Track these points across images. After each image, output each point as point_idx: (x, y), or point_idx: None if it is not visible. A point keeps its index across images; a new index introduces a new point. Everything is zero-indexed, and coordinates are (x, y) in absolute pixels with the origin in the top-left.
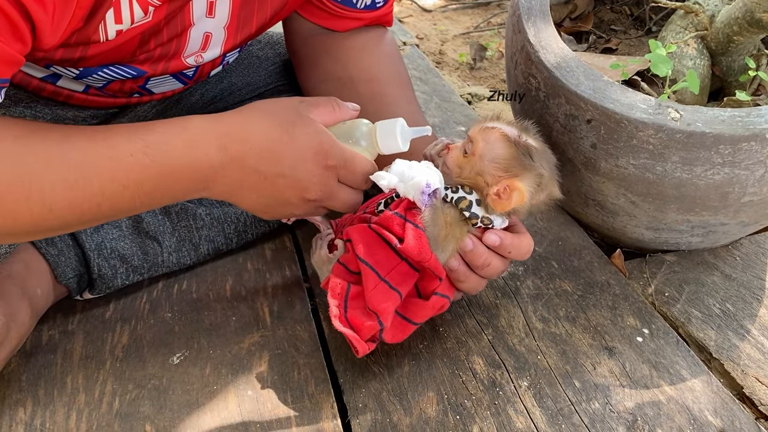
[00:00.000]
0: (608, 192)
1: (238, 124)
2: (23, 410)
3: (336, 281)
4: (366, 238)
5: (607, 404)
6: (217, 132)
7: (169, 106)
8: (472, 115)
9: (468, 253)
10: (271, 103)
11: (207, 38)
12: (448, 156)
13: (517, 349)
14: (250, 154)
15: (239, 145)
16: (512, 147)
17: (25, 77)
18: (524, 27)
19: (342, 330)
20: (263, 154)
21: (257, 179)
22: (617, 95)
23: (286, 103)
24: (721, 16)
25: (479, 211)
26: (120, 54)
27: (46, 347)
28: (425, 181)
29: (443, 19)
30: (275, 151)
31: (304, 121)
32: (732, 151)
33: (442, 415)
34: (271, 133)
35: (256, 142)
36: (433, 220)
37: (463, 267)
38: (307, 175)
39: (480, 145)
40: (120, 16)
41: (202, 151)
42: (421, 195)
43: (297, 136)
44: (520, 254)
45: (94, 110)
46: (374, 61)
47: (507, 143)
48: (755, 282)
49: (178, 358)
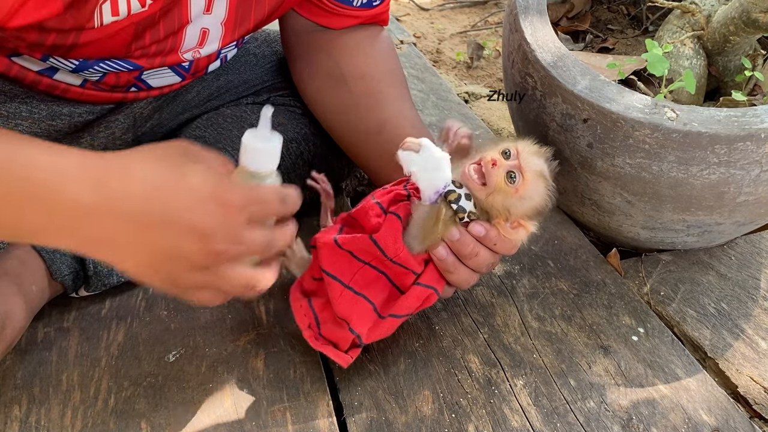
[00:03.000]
0: (604, 191)
1: (121, 162)
2: (18, 407)
3: (296, 305)
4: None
5: (603, 403)
6: (95, 166)
7: (165, 103)
8: (469, 114)
9: (455, 243)
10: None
11: (204, 34)
12: (492, 173)
13: (513, 347)
14: (133, 195)
15: (119, 183)
16: (548, 198)
17: (21, 70)
18: (521, 26)
19: (320, 349)
20: (149, 195)
21: (141, 229)
22: (614, 94)
23: (176, 145)
24: (718, 16)
25: (467, 206)
26: (114, 45)
27: (42, 344)
28: (445, 183)
29: (440, 17)
30: (165, 191)
31: (199, 159)
32: (728, 151)
33: (437, 413)
34: (160, 171)
35: (141, 182)
36: (430, 215)
37: (451, 257)
38: (206, 219)
39: (528, 188)
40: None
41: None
42: (433, 193)
43: (190, 174)
44: (505, 248)
45: (90, 105)
46: (368, 58)
47: (546, 193)
48: (750, 281)
49: (173, 355)
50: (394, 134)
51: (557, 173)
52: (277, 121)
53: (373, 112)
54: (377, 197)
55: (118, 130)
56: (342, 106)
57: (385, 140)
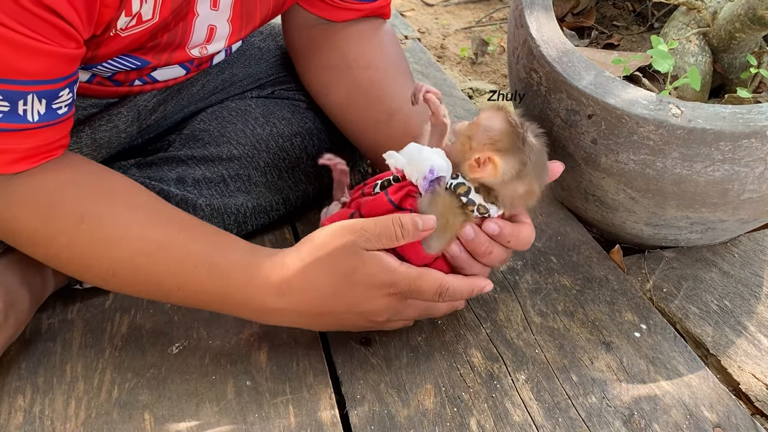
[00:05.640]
0: (608, 187)
1: (300, 273)
2: (22, 397)
3: None
4: None
5: (604, 398)
6: (279, 278)
7: (170, 96)
8: (473, 110)
9: (470, 242)
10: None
11: (212, 31)
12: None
13: (515, 342)
14: (310, 303)
15: (298, 296)
16: (509, 126)
17: None
18: (526, 21)
19: None
20: (323, 301)
21: (317, 318)
22: (618, 91)
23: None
24: (724, 13)
25: (477, 198)
26: (129, 49)
27: (46, 335)
28: (429, 167)
29: (445, 13)
30: (336, 298)
31: (365, 261)
32: (732, 148)
33: (439, 407)
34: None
35: (316, 293)
36: (431, 206)
37: (465, 254)
38: (371, 307)
39: (482, 115)
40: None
41: (259, 294)
42: (423, 180)
43: (358, 282)
44: (519, 244)
45: (96, 99)
46: (373, 48)
47: (506, 121)
48: (753, 279)
49: (177, 347)
50: (403, 123)
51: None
52: (281, 115)
53: (381, 102)
54: (390, 194)
55: (121, 123)
56: (349, 98)
57: (394, 129)
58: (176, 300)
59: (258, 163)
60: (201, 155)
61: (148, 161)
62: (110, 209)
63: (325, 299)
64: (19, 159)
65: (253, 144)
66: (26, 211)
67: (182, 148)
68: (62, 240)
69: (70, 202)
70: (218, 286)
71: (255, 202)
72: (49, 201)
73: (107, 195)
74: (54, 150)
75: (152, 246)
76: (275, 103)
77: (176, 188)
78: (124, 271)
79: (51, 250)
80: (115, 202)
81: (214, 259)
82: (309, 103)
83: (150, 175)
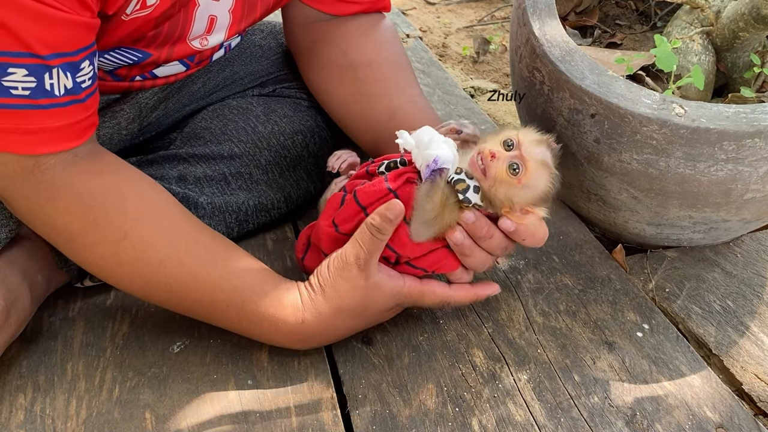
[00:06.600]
0: (611, 187)
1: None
2: (23, 396)
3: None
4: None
5: (607, 398)
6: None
7: (171, 94)
8: (475, 109)
9: (470, 225)
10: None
11: (212, 21)
12: (492, 166)
13: (517, 342)
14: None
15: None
16: (551, 184)
17: None
18: (529, 20)
19: None
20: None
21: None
22: (622, 90)
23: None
24: (727, 12)
25: (473, 198)
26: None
27: (47, 334)
28: (434, 157)
29: (447, 12)
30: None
31: (373, 297)
32: (736, 148)
33: (441, 407)
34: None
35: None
36: (427, 196)
37: (468, 240)
38: (380, 317)
39: (531, 178)
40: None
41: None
42: (426, 167)
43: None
44: (534, 241)
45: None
46: (374, 46)
47: (550, 181)
48: (756, 279)
49: (178, 346)
50: (406, 121)
51: (562, 167)
52: (282, 112)
53: (383, 100)
54: (390, 180)
55: (123, 120)
56: (351, 96)
57: (397, 127)
58: (211, 320)
59: (259, 161)
60: (202, 153)
61: (150, 159)
62: (153, 232)
63: (343, 333)
64: (52, 139)
65: (255, 142)
66: (69, 213)
67: (183, 146)
68: (101, 250)
69: (116, 215)
70: (246, 328)
71: (256, 200)
72: (92, 207)
73: (151, 213)
74: (87, 129)
75: (188, 278)
76: (276, 101)
77: (177, 186)
78: (156, 290)
79: (87, 256)
80: (159, 223)
81: (246, 305)
82: (310, 101)
83: (151, 173)
